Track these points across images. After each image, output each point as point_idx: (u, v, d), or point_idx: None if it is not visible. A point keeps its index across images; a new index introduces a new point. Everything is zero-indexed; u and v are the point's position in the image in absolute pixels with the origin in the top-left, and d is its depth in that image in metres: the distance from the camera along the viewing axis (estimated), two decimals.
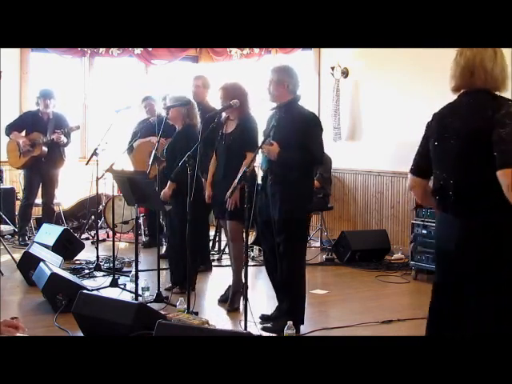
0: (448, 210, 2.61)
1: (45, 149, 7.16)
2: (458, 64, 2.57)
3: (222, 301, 4.94)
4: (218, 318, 4.58)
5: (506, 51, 2.66)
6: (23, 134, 7.27)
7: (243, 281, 4.72)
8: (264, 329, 4.18)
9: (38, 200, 7.47)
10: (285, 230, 4.17)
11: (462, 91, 2.60)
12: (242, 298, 4.80)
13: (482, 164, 2.46)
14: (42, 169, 7.22)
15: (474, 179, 2.51)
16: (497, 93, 2.56)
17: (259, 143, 4.17)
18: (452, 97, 2.68)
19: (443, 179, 2.62)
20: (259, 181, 4.43)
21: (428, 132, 2.72)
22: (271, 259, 4.37)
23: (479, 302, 2.54)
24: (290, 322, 3.86)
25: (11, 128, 7.22)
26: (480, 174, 2.49)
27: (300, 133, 4.09)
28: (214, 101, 5.63)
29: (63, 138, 7.18)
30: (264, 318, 4.43)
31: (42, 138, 7.14)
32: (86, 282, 5.36)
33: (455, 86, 2.60)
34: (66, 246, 6.25)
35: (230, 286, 4.97)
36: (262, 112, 4.94)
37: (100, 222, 7.69)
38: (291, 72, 4.29)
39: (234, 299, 4.82)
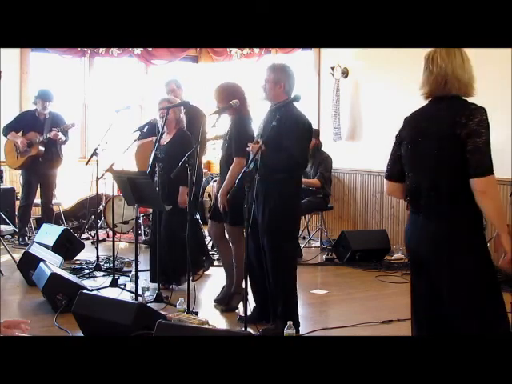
0: (420, 212, 2.72)
1: (42, 148, 7.16)
2: (430, 72, 2.66)
3: (218, 301, 4.93)
4: (217, 318, 4.59)
5: (505, 51, 2.69)
6: (20, 134, 7.27)
7: (242, 282, 4.76)
8: (264, 331, 4.16)
9: (38, 200, 7.48)
10: (268, 231, 4.16)
11: (434, 96, 2.70)
12: (240, 299, 4.83)
13: (455, 168, 2.57)
14: (39, 169, 7.22)
15: (446, 183, 2.61)
16: (466, 98, 2.67)
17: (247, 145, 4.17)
18: None
19: (416, 182, 2.72)
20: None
21: (400, 136, 2.80)
22: (253, 259, 4.33)
23: (453, 301, 2.64)
24: (289, 322, 3.86)
25: (8, 128, 7.23)
26: (452, 178, 2.59)
27: (287, 135, 4.04)
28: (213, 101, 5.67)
29: (61, 136, 7.18)
30: (242, 320, 4.26)
31: (38, 138, 7.14)
32: (86, 282, 5.37)
33: (429, 92, 2.69)
34: (66, 246, 6.25)
35: (224, 287, 4.98)
36: (260, 112, 4.93)
37: (100, 222, 7.70)
38: (289, 72, 4.23)
39: (232, 300, 4.82)
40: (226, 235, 4.90)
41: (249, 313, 4.08)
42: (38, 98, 7.28)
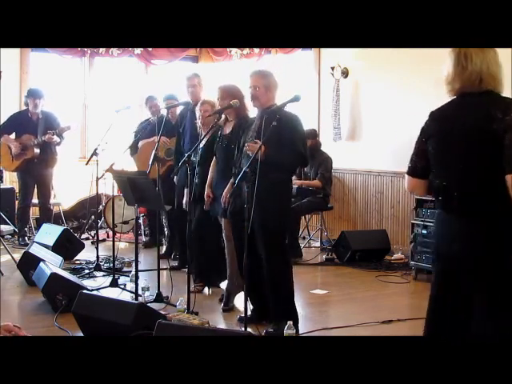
0: (452, 211, 2.59)
1: (37, 151, 7.13)
2: (463, 68, 2.55)
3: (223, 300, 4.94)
4: (217, 318, 4.59)
5: (506, 51, 2.68)
6: (13, 135, 7.22)
7: (235, 281, 4.76)
8: (267, 333, 4.16)
9: (36, 200, 7.47)
10: (263, 231, 4.13)
11: (464, 92, 2.58)
12: (236, 297, 4.84)
13: (490, 164, 2.47)
14: (35, 170, 7.19)
15: (480, 179, 2.51)
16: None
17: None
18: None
19: (447, 179, 2.60)
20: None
21: (427, 132, 2.68)
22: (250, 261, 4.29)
23: (484, 301, 2.53)
24: (289, 322, 3.85)
25: (1, 131, 7.15)
26: (487, 175, 2.49)
27: (289, 134, 4.11)
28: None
29: (56, 138, 7.16)
30: (242, 320, 4.25)
31: (33, 141, 7.10)
32: (86, 282, 5.37)
33: (460, 88, 2.57)
34: (66, 246, 6.25)
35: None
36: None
37: (100, 222, 7.69)
38: (275, 77, 4.36)
39: (227, 299, 4.83)
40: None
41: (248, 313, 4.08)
42: (28, 97, 7.25)
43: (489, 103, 2.50)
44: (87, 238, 7.59)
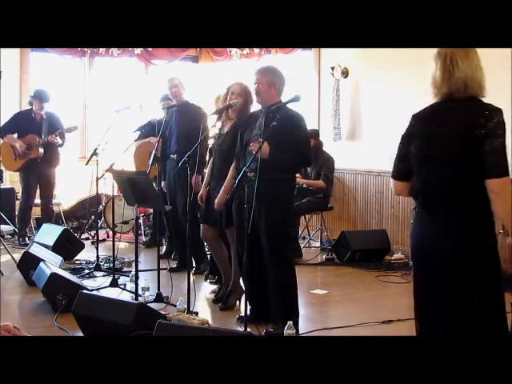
0: (433, 211, 2.67)
1: (41, 150, 7.11)
2: (450, 74, 2.60)
3: (217, 301, 4.92)
4: (217, 318, 4.59)
5: (506, 51, 2.69)
6: (15, 135, 7.20)
7: (240, 281, 4.76)
8: (267, 333, 4.15)
9: (38, 200, 7.46)
10: (267, 231, 4.11)
11: (449, 97, 2.65)
12: (237, 297, 4.84)
13: (472, 168, 2.55)
14: (38, 170, 7.17)
15: (462, 182, 2.59)
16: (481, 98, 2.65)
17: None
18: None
19: (429, 180, 2.69)
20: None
21: (411, 133, 2.74)
22: (250, 261, 4.22)
23: (466, 301, 2.61)
24: (289, 322, 3.85)
25: (4, 130, 7.12)
26: (469, 178, 2.57)
27: (292, 134, 4.05)
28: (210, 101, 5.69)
29: (58, 140, 7.15)
30: (241, 320, 4.28)
31: (37, 140, 7.09)
32: (86, 282, 5.36)
33: (447, 93, 2.63)
34: (66, 246, 6.25)
35: (222, 286, 5.00)
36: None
37: (100, 222, 7.69)
38: (281, 73, 4.29)
39: (229, 298, 4.83)
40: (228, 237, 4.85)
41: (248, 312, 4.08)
42: (34, 98, 7.20)
43: (473, 109, 2.58)
44: (87, 238, 7.59)
